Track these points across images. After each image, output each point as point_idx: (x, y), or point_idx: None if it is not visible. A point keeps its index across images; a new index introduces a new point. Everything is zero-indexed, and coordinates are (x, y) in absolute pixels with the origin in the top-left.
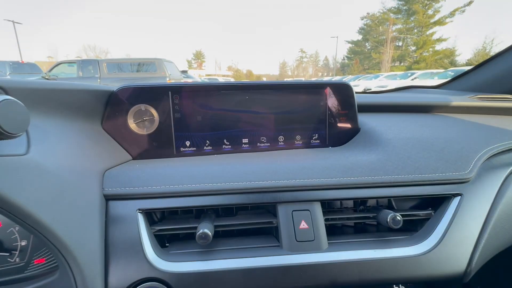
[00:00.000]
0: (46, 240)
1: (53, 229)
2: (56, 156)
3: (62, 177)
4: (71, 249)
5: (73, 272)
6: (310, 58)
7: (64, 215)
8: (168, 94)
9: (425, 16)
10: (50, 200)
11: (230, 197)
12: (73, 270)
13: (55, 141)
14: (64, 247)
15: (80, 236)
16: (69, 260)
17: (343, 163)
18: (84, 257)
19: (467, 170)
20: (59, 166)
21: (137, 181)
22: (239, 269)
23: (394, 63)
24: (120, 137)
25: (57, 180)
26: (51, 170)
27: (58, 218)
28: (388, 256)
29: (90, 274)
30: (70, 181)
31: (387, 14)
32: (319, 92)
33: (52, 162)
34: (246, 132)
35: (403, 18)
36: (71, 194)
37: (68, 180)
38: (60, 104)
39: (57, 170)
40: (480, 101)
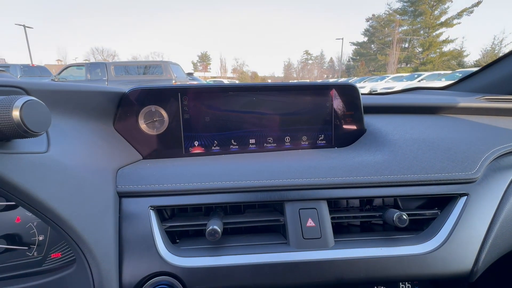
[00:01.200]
0: (65, 234)
1: (71, 223)
2: (73, 155)
3: (79, 174)
4: (88, 242)
5: (90, 265)
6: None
7: (81, 211)
8: (178, 96)
9: (431, 17)
10: (68, 196)
11: (238, 195)
12: (90, 263)
13: (71, 140)
14: (81, 241)
15: (97, 230)
16: (86, 253)
17: (349, 163)
18: (100, 250)
19: (474, 170)
20: (76, 164)
21: (149, 179)
22: (247, 265)
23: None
24: (131, 137)
25: (74, 177)
26: (69, 167)
27: (76, 213)
28: (394, 254)
29: (106, 267)
30: (86, 179)
31: (393, 16)
32: (325, 94)
33: (70, 160)
34: (253, 133)
35: (409, 19)
36: (87, 191)
37: (84, 177)
38: (76, 105)
39: (74, 168)
40: (487, 102)
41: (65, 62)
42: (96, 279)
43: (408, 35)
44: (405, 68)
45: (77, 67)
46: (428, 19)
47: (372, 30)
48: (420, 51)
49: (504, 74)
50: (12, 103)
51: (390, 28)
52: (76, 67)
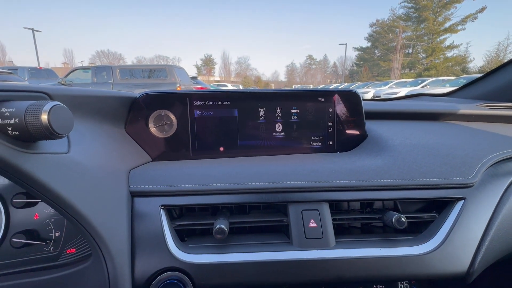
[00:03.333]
0: (83, 229)
1: (90, 219)
2: (90, 156)
3: (96, 174)
4: (104, 238)
5: (105, 259)
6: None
7: (98, 208)
8: (186, 101)
9: (435, 23)
10: (87, 194)
11: (243, 196)
12: (105, 257)
13: (89, 142)
14: (98, 236)
15: (112, 227)
16: (102, 248)
17: (350, 166)
18: (115, 246)
19: (471, 176)
20: (93, 164)
21: (160, 180)
22: (252, 262)
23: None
24: (141, 140)
25: (92, 177)
26: (87, 167)
27: (94, 210)
28: (393, 255)
29: (120, 262)
30: (102, 178)
31: (397, 21)
32: (328, 100)
33: (88, 160)
34: (258, 137)
35: (413, 25)
36: (103, 189)
37: (100, 177)
38: (92, 109)
39: (91, 168)
40: (488, 109)
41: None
42: (110, 273)
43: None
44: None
45: (83, 70)
46: (432, 25)
47: (376, 35)
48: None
49: (504, 82)
50: (41, 108)
51: (394, 33)
52: (82, 70)
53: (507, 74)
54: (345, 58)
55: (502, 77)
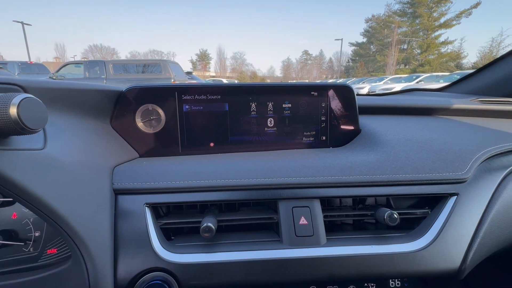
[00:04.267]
0: (61, 230)
1: (67, 219)
2: (70, 152)
3: (76, 171)
4: (84, 238)
5: (85, 260)
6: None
7: (77, 207)
8: (175, 95)
9: (430, 19)
10: (65, 192)
11: (232, 193)
12: (85, 259)
13: (69, 137)
14: (77, 237)
15: (92, 226)
16: (81, 249)
17: (342, 162)
18: (96, 246)
19: (464, 171)
20: (73, 161)
21: (145, 176)
22: (240, 261)
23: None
24: (128, 135)
25: (71, 174)
26: (66, 164)
27: (72, 209)
28: (385, 252)
29: (101, 263)
30: (83, 175)
31: (392, 17)
32: (321, 94)
33: (67, 157)
34: (249, 132)
35: (408, 21)
36: (84, 187)
37: (81, 174)
38: (73, 103)
39: (71, 165)
40: (481, 104)
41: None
42: (91, 274)
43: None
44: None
45: (75, 65)
46: (427, 20)
47: (372, 31)
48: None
49: (497, 76)
50: (10, 100)
51: (389, 29)
52: (74, 65)
53: (500, 69)
54: (340, 54)
55: (495, 72)
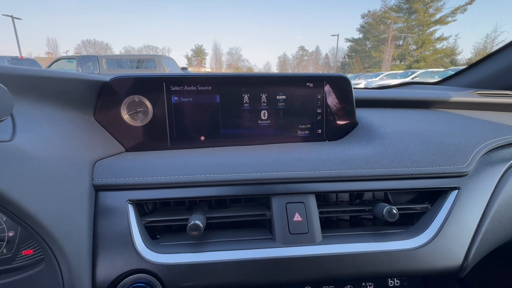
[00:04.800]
0: (31, 230)
1: (38, 218)
2: (44, 144)
3: (50, 165)
4: (57, 239)
5: (59, 262)
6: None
7: (50, 205)
8: (163, 86)
9: (426, 15)
10: (35, 189)
11: (223, 188)
12: (59, 261)
13: (43, 129)
14: (50, 237)
15: (68, 226)
16: (55, 250)
17: (339, 155)
18: (71, 247)
19: (465, 164)
20: (46, 155)
21: (128, 171)
22: (230, 261)
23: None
24: (113, 129)
25: (44, 169)
26: (38, 158)
27: (44, 207)
28: (383, 250)
29: (77, 265)
30: (58, 170)
31: (388, 13)
32: (317, 85)
33: (39, 150)
34: (242, 125)
35: (404, 16)
36: (58, 183)
37: (56, 169)
38: (49, 92)
39: (44, 159)
40: (480, 97)
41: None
42: (66, 278)
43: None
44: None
45: (67, 60)
46: (423, 16)
47: (368, 26)
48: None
49: (496, 69)
50: None
51: (385, 25)
52: (66, 60)
53: (499, 62)
54: (337, 50)
55: (493, 64)
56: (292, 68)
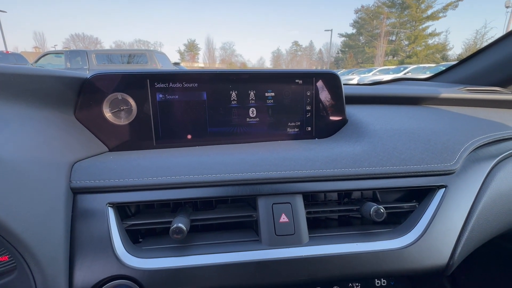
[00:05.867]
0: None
1: (7, 225)
2: (15, 146)
3: (21, 168)
4: (29, 246)
5: (32, 271)
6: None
7: (21, 210)
8: (146, 83)
9: (418, 10)
10: (4, 193)
11: (207, 190)
12: (32, 269)
13: (14, 130)
14: (21, 245)
15: (41, 232)
16: (27, 258)
17: (327, 154)
18: (45, 255)
19: (453, 162)
20: (18, 157)
21: (108, 173)
22: (214, 265)
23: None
24: (95, 128)
25: (14, 172)
26: (7, 160)
27: (15, 212)
28: (370, 250)
29: (52, 273)
30: (30, 173)
31: (381, 8)
32: (306, 82)
33: (9, 152)
34: (230, 123)
35: (397, 12)
36: (31, 187)
37: (28, 172)
38: (22, 91)
39: (14, 161)
40: (469, 93)
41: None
42: (40, 286)
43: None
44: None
45: (55, 55)
46: (415, 12)
47: (361, 22)
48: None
49: (485, 65)
50: None
51: (379, 20)
52: (54, 55)
53: (487, 58)
54: (330, 45)
55: (482, 61)
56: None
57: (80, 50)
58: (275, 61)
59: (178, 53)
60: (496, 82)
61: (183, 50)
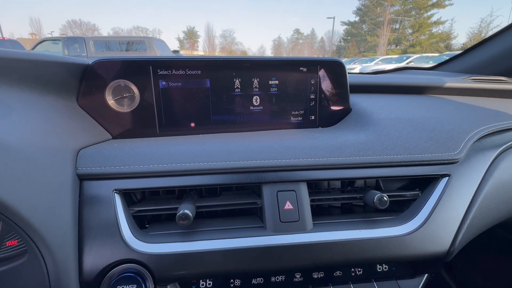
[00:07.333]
0: (10, 222)
1: (17, 210)
2: (21, 132)
3: (28, 154)
4: (39, 230)
5: (43, 254)
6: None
7: (30, 195)
8: (149, 69)
9: None
10: (12, 179)
11: (213, 177)
12: (43, 252)
13: (19, 116)
14: (31, 228)
15: (49, 216)
16: (37, 242)
17: (331, 142)
18: (55, 238)
19: (457, 151)
20: (24, 143)
21: (114, 160)
22: (220, 250)
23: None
24: (98, 115)
25: (21, 158)
26: (13, 145)
27: (24, 198)
28: (373, 236)
29: (62, 256)
30: (37, 159)
31: None
32: (310, 70)
33: (15, 138)
34: (233, 111)
35: None
36: (38, 173)
37: (34, 158)
38: (24, 76)
39: (21, 147)
40: (474, 82)
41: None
42: (51, 269)
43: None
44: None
45: (53, 42)
46: None
47: (364, 9)
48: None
49: (490, 55)
50: None
51: (382, 7)
52: (51, 41)
53: (493, 47)
54: (332, 33)
55: (488, 50)
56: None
57: (77, 37)
58: (276, 50)
59: (177, 41)
60: (502, 71)
61: (183, 38)
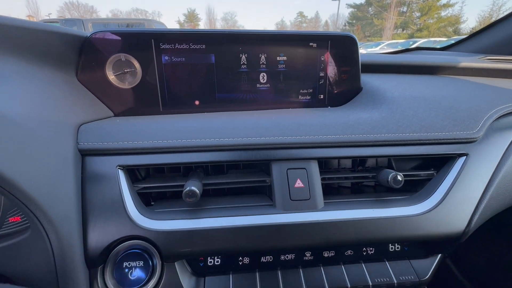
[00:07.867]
0: (11, 196)
1: (17, 183)
2: (19, 104)
3: (27, 128)
4: (41, 205)
5: (46, 229)
6: (310, 23)
7: (31, 170)
8: (151, 43)
9: None
10: (12, 153)
11: (220, 154)
12: (46, 228)
13: (15, 86)
14: (32, 203)
15: (51, 191)
16: (39, 216)
17: (343, 120)
18: (58, 214)
19: (475, 130)
20: (22, 115)
21: (117, 135)
22: (228, 228)
23: (396, 31)
24: (98, 91)
25: (20, 131)
26: (10, 117)
27: (24, 172)
28: (386, 216)
29: (66, 232)
30: (37, 133)
31: None
32: (320, 45)
33: (11, 108)
34: (239, 89)
35: None
36: (38, 147)
37: (34, 131)
38: (19, 45)
39: (20, 120)
40: (490, 62)
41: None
42: (54, 244)
43: None
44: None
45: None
46: None
47: None
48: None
49: (507, 34)
50: None
51: None
52: (49, 24)
53: (509, 27)
54: (337, 16)
55: (504, 29)
56: None
57: (76, 19)
58: None
59: (178, 24)
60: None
61: (183, 21)
